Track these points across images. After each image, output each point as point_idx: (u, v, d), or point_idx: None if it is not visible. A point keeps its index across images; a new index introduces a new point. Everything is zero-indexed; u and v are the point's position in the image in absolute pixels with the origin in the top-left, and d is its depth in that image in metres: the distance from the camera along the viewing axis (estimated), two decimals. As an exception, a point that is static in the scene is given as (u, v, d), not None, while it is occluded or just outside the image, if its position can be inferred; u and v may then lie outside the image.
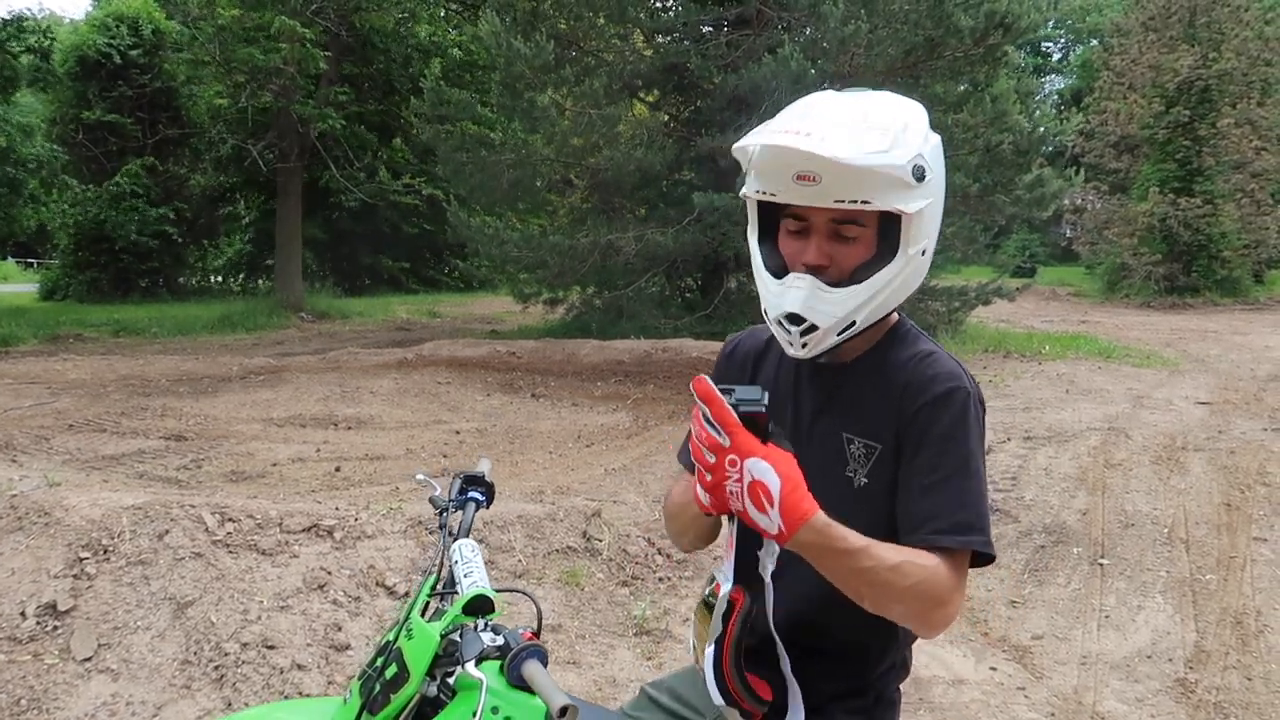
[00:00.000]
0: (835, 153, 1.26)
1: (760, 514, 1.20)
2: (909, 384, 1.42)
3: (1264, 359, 12.37)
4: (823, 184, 1.30)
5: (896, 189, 1.32)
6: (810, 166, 1.30)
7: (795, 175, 1.31)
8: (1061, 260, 34.01)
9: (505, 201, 13.05)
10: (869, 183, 1.31)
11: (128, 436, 7.22)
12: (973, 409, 1.40)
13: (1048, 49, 48.13)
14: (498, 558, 4.36)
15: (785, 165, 1.32)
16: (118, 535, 3.89)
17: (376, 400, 8.90)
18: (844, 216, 1.36)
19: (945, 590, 1.30)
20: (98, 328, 15.26)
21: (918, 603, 1.29)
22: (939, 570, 1.30)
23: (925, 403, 1.39)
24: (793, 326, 1.39)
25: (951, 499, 1.34)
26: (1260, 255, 23.90)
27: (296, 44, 16.46)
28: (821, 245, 1.38)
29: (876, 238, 1.38)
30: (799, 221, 1.40)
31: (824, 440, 1.46)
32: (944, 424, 1.37)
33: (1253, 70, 22.98)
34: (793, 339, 1.40)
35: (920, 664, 3.72)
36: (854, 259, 1.38)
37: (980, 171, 10.52)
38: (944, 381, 1.40)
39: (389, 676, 1.55)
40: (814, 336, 1.39)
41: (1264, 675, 3.99)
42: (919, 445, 1.38)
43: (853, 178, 1.30)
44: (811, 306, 1.37)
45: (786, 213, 1.41)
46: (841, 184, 1.31)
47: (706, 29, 12.02)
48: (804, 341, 1.39)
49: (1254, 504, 5.84)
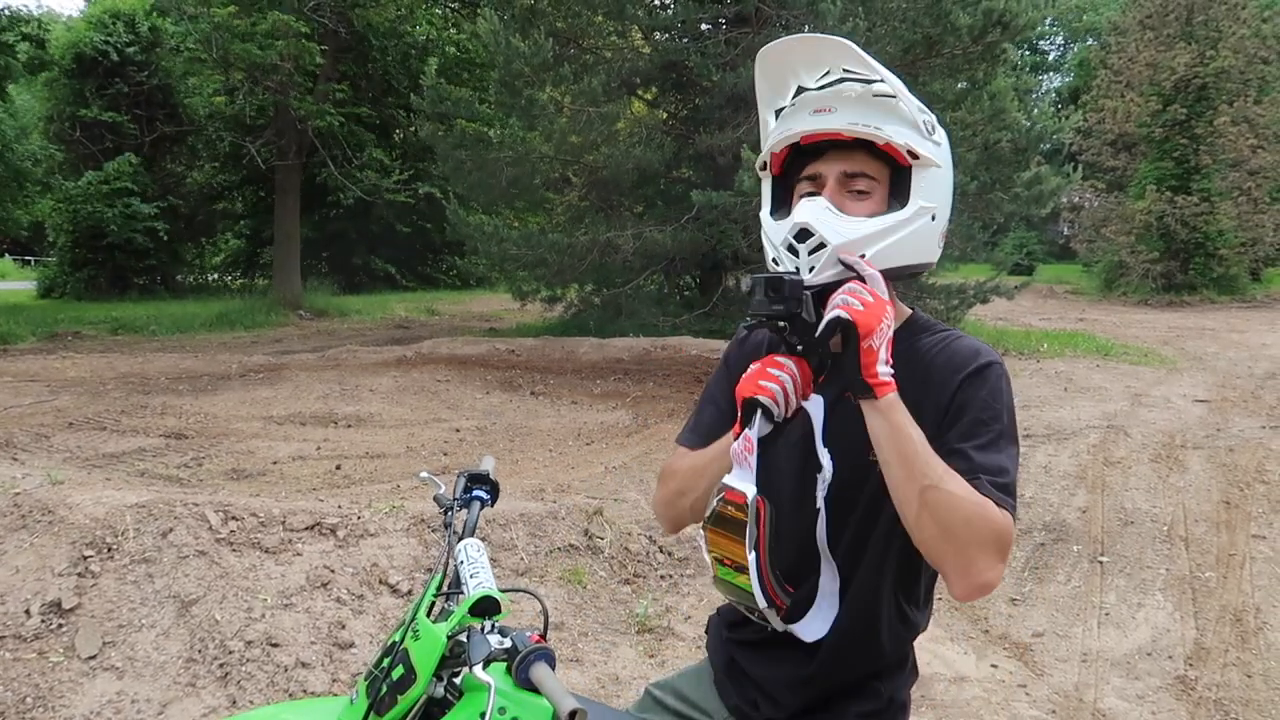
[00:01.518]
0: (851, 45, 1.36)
1: (884, 365, 1.31)
2: (948, 362, 1.43)
3: (1261, 357, 12.40)
4: (838, 112, 1.38)
5: (909, 128, 1.38)
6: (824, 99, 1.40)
7: (813, 110, 1.39)
8: (1059, 258, 34.06)
9: (504, 199, 13.03)
10: (879, 110, 1.37)
11: (128, 434, 7.22)
12: (1008, 384, 1.44)
13: (1045, 47, 48.16)
14: (500, 556, 4.37)
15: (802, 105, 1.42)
16: (121, 533, 3.90)
17: (376, 398, 8.90)
18: (854, 169, 1.40)
19: (995, 529, 1.27)
20: (96, 325, 15.25)
21: (967, 528, 1.26)
22: (990, 505, 1.28)
23: (967, 374, 1.41)
24: (800, 243, 1.37)
25: (991, 457, 1.34)
26: (1257, 253, 23.94)
27: (292, 40, 16.43)
28: (834, 197, 1.41)
29: (887, 195, 1.41)
30: (813, 183, 1.44)
31: (844, 424, 1.43)
32: (985, 393, 1.40)
33: (1250, 68, 23.00)
34: (800, 260, 1.38)
35: (922, 661, 3.73)
36: (864, 213, 1.40)
37: (979, 169, 10.52)
38: (983, 355, 1.43)
39: (396, 677, 1.55)
40: (822, 256, 1.37)
41: (1263, 672, 4.01)
42: (963, 409, 1.39)
43: (863, 102, 1.37)
44: (821, 219, 1.37)
45: (802, 175, 1.45)
46: (853, 109, 1.37)
47: (705, 27, 12.01)
48: (810, 263, 1.37)
49: (1253, 502, 5.86)
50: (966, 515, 1.25)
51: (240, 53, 16.63)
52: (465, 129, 11.88)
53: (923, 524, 1.28)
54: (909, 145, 1.37)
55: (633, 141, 10.90)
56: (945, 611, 4.52)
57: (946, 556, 1.29)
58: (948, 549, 1.28)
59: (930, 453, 1.28)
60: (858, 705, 1.50)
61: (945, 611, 4.52)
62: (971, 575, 1.28)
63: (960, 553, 1.27)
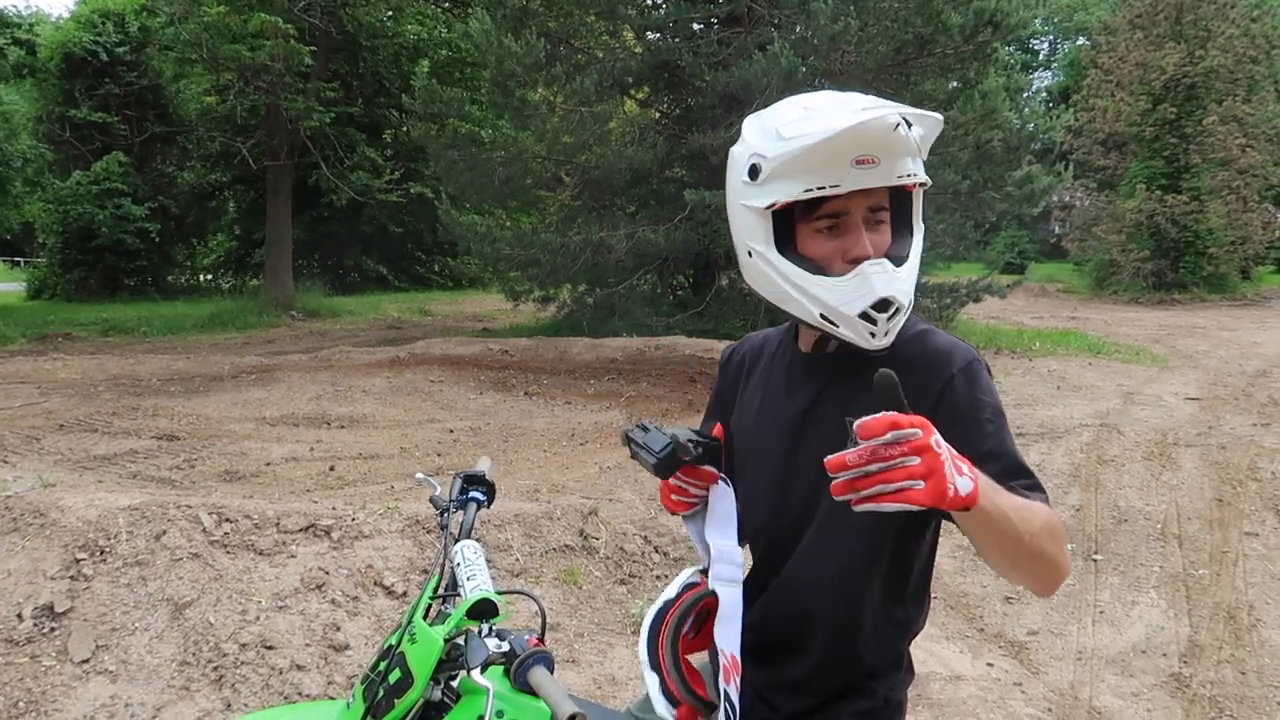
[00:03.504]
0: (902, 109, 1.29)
1: (961, 477, 1.09)
2: (923, 360, 1.40)
3: (1252, 355, 12.45)
4: (882, 164, 1.30)
5: (918, 160, 1.36)
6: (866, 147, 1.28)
7: (855, 160, 1.30)
8: (1050, 257, 34.12)
9: (496, 199, 13.05)
10: (911, 153, 1.33)
11: (119, 436, 7.19)
12: (989, 375, 1.42)
13: (1036, 46, 48.32)
14: (496, 556, 4.36)
15: (848, 150, 1.29)
16: (114, 536, 3.88)
17: (369, 399, 8.87)
18: (876, 203, 1.37)
19: (1061, 529, 1.27)
20: (86, 327, 15.19)
21: (1053, 543, 1.23)
22: (1042, 510, 1.25)
23: (951, 374, 1.38)
24: (880, 314, 1.35)
25: (1012, 461, 1.32)
26: (1246, 251, 24.07)
27: (281, 40, 16.40)
28: (868, 235, 1.37)
29: (892, 220, 1.40)
30: (833, 219, 1.37)
31: (823, 428, 1.45)
32: (975, 393, 1.37)
33: (1239, 68, 23.11)
34: (878, 328, 1.36)
35: (918, 661, 3.73)
36: (884, 245, 1.39)
37: (970, 168, 10.56)
38: (961, 354, 1.40)
39: (392, 681, 1.55)
40: (896, 320, 1.37)
41: (1257, 669, 4.02)
42: (957, 414, 1.35)
43: (901, 150, 1.31)
44: (895, 288, 1.35)
45: (813, 214, 1.37)
46: (897, 158, 1.32)
47: (697, 26, 12.02)
48: (888, 328, 1.36)
49: (1245, 499, 5.88)
50: (1050, 533, 1.23)
51: (230, 53, 16.59)
52: (457, 129, 11.87)
53: (1022, 566, 1.25)
54: (920, 177, 1.36)
55: (625, 141, 10.90)
56: (941, 611, 4.52)
57: (1038, 574, 1.27)
58: (1040, 568, 1.26)
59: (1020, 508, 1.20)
60: (853, 705, 1.49)
61: (941, 611, 4.52)
62: (1060, 577, 1.28)
63: (1050, 565, 1.26)
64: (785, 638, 1.53)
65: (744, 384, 1.66)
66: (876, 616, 1.47)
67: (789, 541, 1.51)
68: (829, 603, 1.47)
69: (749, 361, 1.68)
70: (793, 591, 1.51)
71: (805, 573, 1.49)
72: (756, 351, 1.67)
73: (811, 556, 1.48)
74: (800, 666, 1.50)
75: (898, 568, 1.46)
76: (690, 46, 10.78)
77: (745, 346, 1.71)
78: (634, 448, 1.52)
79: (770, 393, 1.58)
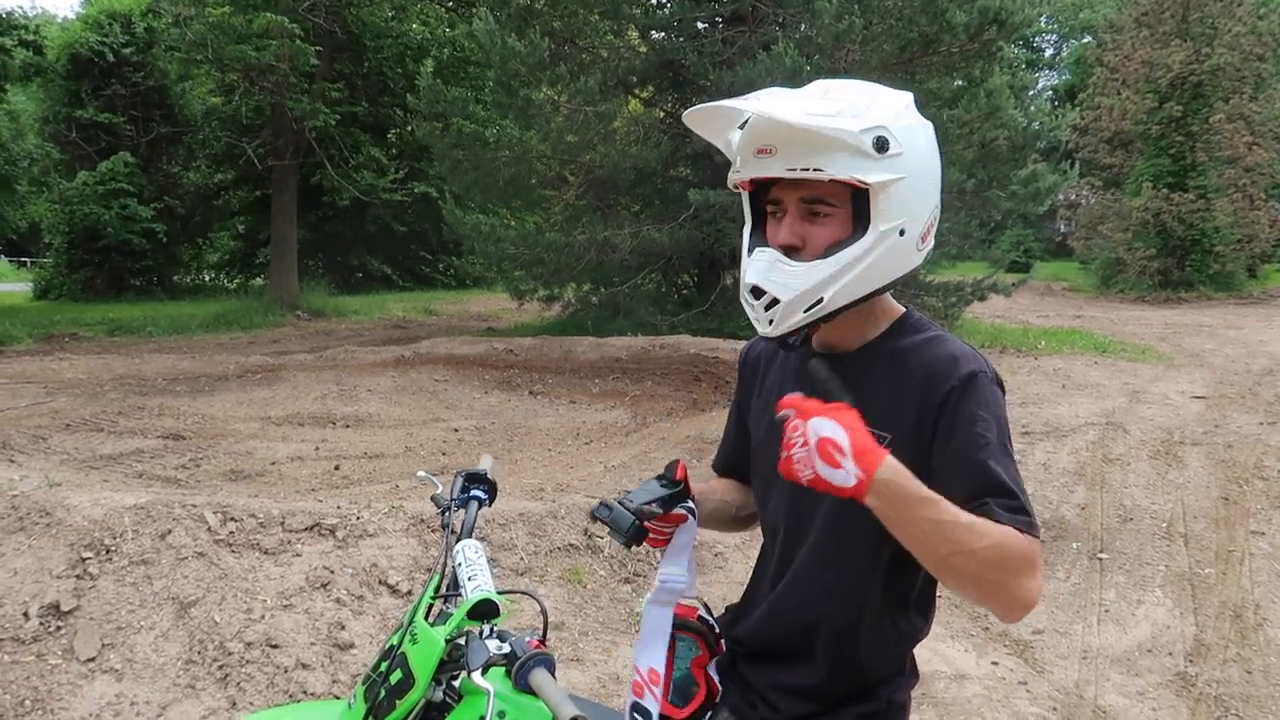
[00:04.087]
0: (775, 111, 1.30)
1: (834, 469, 1.18)
2: (931, 370, 1.39)
3: (1258, 353, 12.41)
4: (777, 154, 1.33)
5: (852, 158, 1.31)
6: (763, 137, 1.33)
7: (755, 149, 1.35)
8: (1056, 255, 34.05)
9: (501, 199, 13.04)
10: (819, 148, 1.31)
11: (125, 436, 7.20)
12: (996, 390, 1.40)
13: (1041, 45, 48.21)
14: (500, 555, 4.36)
15: (748, 142, 1.36)
16: (120, 535, 3.89)
17: (374, 398, 8.89)
18: (811, 195, 1.36)
19: (1024, 557, 1.24)
20: (92, 327, 15.22)
21: (998, 569, 1.23)
22: (1012, 534, 1.24)
23: (953, 385, 1.36)
24: (755, 300, 1.40)
25: (994, 478, 1.31)
26: (1253, 249, 23.97)
27: (286, 40, 16.42)
28: (794, 225, 1.38)
29: (851, 218, 1.37)
30: (776, 205, 1.41)
31: None
32: (972, 406, 1.35)
33: (1245, 65, 23.01)
34: (759, 315, 1.40)
35: (923, 660, 3.73)
36: (826, 238, 1.37)
37: (975, 167, 10.52)
38: (968, 364, 1.38)
39: (394, 682, 1.55)
40: (778, 311, 1.38)
41: (1264, 668, 4.01)
42: (953, 427, 1.35)
43: (801, 142, 1.31)
44: (771, 279, 1.37)
45: (768, 199, 1.42)
46: (792, 150, 1.32)
47: (701, 25, 12.01)
48: (770, 317, 1.39)
49: (1251, 498, 5.86)
50: (996, 559, 1.22)
51: (235, 53, 16.61)
52: (462, 128, 11.87)
53: (947, 566, 1.25)
54: (854, 178, 1.32)
55: (630, 140, 10.90)
56: (946, 609, 4.52)
57: (985, 599, 1.28)
58: (985, 593, 1.27)
59: (941, 517, 1.22)
60: (855, 708, 1.49)
61: (946, 609, 4.52)
62: (1014, 607, 1.27)
63: (997, 592, 1.25)
64: (790, 644, 1.53)
65: (759, 384, 1.67)
66: (879, 623, 1.47)
67: (799, 542, 1.52)
68: (832, 608, 1.47)
69: (764, 360, 1.68)
70: (797, 595, 1.51)
71: (809, 573, 1.50)
72: (773, 349, 1.66)
73: (816, 557, 1.49)
74: (804, 674, 1.51)
75: (901, 572, 1.45)
76: (694, 46, 10.77)
77: (760, 345, 1.71)
78: (603, 525, 1.56)
79: (782, 390, 1.58)
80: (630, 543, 1.52)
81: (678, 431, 7.57)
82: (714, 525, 1.71)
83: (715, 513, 1.69)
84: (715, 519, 1.69)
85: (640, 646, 1.51)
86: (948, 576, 1.27)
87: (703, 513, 1.59)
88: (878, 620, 1.46)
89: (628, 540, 1.51)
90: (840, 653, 1.48)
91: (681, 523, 1.55)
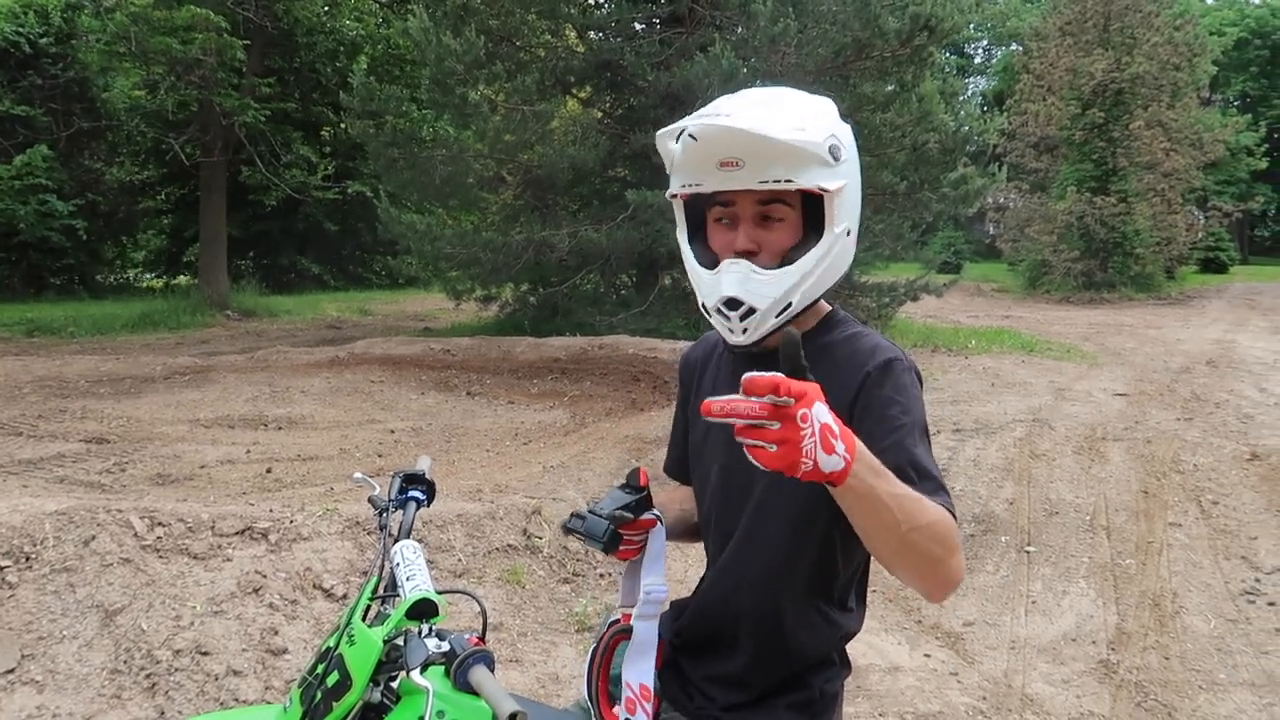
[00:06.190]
0: (757, 127, 1.30)
1: (829, 455, 1.10)
2: (849, 359, 1.43)
3: (1176, 352, 12.87)
4: (746, 166, 1.33)
5: (816, 167, 1.35)
6: (733, 150, 1.33)
7: (719, 162, 1.34)
8: (985, 257, 34.87)
9: (437, 198, 12.90)
10: (790, 160, 1.33)
11: (46, 440, 6.96)
12: (913, 378, 1.43)
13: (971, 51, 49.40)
14: (437, 557, 4.32)
15: (709, 154, 1.34)
16: (40, 542, 3.76)
17: (308, 400, 8.73)
18: (769, 197, 1.38)
19: (955, 535, 1.27)
20: (10, 327, 14.65)
21: (941, 545, 1.23)
22: (945, 511, 1.26)
23: (869, 371, 1.40)
24: (731, 312, 1.40)
25: (914, 457, 1.33)
26: (1171, 252, 24.83)
27: (212, 34, 16.02)
28: (750, 231, 1.40)
29: (801, 220, 1.41)
30: (725, 208, 1.42)
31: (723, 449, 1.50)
32: (888, 390, 1.39)
33: (1163, 74, 23.83)
34: (733, 325, 1.41)
35: (857, 652, 3.80)
36: (782, 242, 1.41)
37: (907, 169, 10.75)
38: (883, 352, 1.42)
39: (331, 684, 1.53)
40: (753, 320, 1.40)
41: (1180, 654, 4.17)
42: (869, 409, 1.38)
43: (774, 155, 1.32)
44: (747, 289, 1.39)
45: (713, 205, 1.43)
46: (764, 164, 1.33)
47: (639, 26, 12.05)
48: (744, 326, 1.41)
49: (1169, 491, 6.08)
50: (939, 534, 1.23)
51: (160, 45, 16.12)
52: (397, 126, 11.71)
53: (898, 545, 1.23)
54: (819, 186, 1.35)
55: (567, 140, 10.88)
56: (879, 604, 4.60)
57: (925, 576, 1.28)
58: (926, 569, 1.26)
59: (897, 490, 1.20)
60: (787, 698, 1.52)
61: (879, 604, 4.60)
62: (948, 585, 1.29)
63: (936, 569, 1.26)
64: (716, 634, 1.56)
65: (696, 385, 1.69)
66: (802, 612, 1.49)
67: (729, 535, 1.54)
68: (752, 599, 1.50)
69: (700, 363, 1.71)
70: (721, 587, 1.55)
71: (733, 565, 1.53)
72: (709, 351, 1.70)
73: (741, 549, 1.52)
74: (733, 663, 1.53)
75: (825, 563, 1.48)
76: (632, 46, 10.79)
77: (699, 349, 1.74)
78: (577, 537, 1.57)
79: (717, 390, 1.60)
80: (609, 548, 1.52)
81: (617, 431, 7.58)
82: (678, 536, 1.69)
83: (678, 521, 1.69)
84: (679, 527, 1.69)
85: (629, 662, 1.50)
86: (902, 554, 1.24)
87: (667, 521, 1.59)
88: (801, 609, 1.49)
89: (606, 546, 1.51)
90: (765, 640, 1.50)
91: (651, 528, 1.55)
